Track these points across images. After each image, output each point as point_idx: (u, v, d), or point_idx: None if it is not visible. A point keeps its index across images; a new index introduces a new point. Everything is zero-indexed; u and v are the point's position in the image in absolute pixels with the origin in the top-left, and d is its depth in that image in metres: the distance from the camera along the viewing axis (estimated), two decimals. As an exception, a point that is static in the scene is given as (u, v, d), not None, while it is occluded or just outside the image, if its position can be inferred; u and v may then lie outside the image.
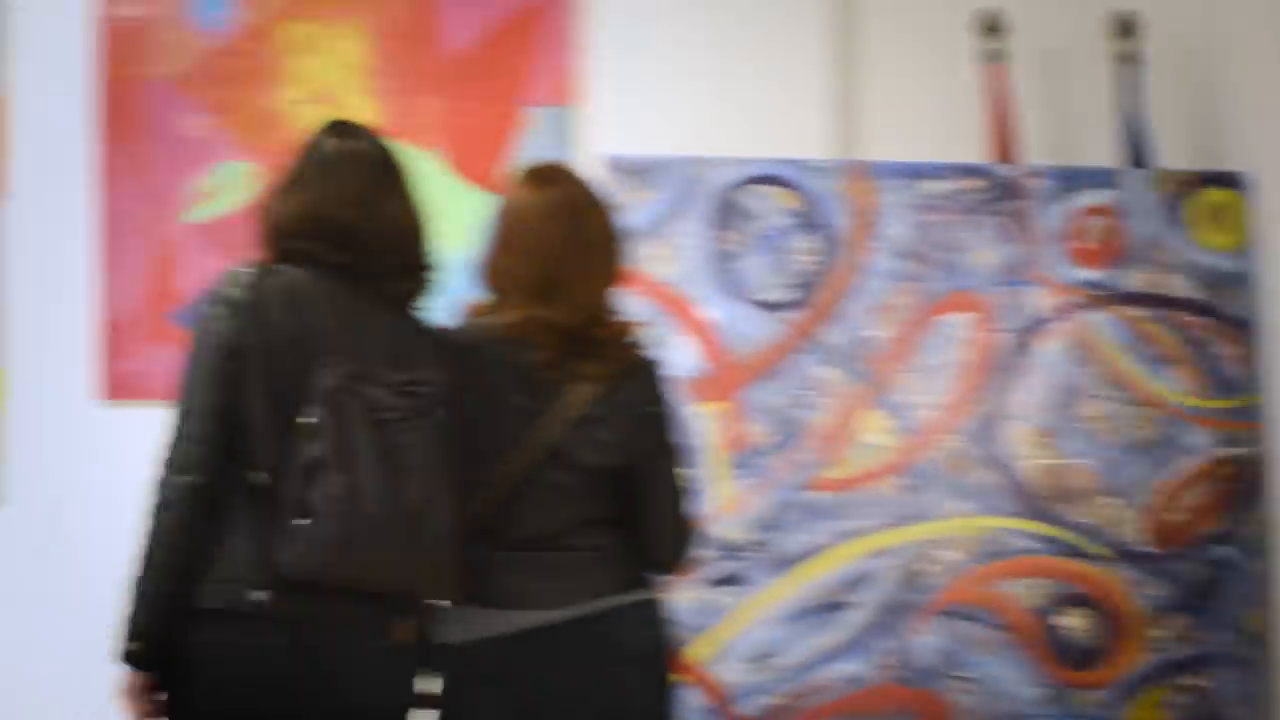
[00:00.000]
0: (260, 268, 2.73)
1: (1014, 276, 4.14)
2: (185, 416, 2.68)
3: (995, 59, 4.32)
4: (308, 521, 2.59)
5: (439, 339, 2.86)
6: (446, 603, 2.85)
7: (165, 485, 2.65)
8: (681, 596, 3.97)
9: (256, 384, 2.67)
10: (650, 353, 3.01)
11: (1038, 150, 4.35)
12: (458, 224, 4.31)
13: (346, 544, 2.60)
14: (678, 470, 3.00)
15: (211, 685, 2.69)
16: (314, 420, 2.62)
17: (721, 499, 4.02)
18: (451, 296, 2.98)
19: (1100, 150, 4.35)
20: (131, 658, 2.67)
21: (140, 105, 4.33)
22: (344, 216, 2.74)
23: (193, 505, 2.64)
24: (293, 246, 2.75)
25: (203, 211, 4.31)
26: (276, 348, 2.67)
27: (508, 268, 2.91)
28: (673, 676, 2.98)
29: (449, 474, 2.72)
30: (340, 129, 2.84)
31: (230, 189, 4.31)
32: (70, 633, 4.23)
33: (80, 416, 4.29)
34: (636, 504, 2.96)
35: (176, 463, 2.65)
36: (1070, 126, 4.46)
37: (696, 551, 3.06)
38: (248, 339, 2.66)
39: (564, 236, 2.91)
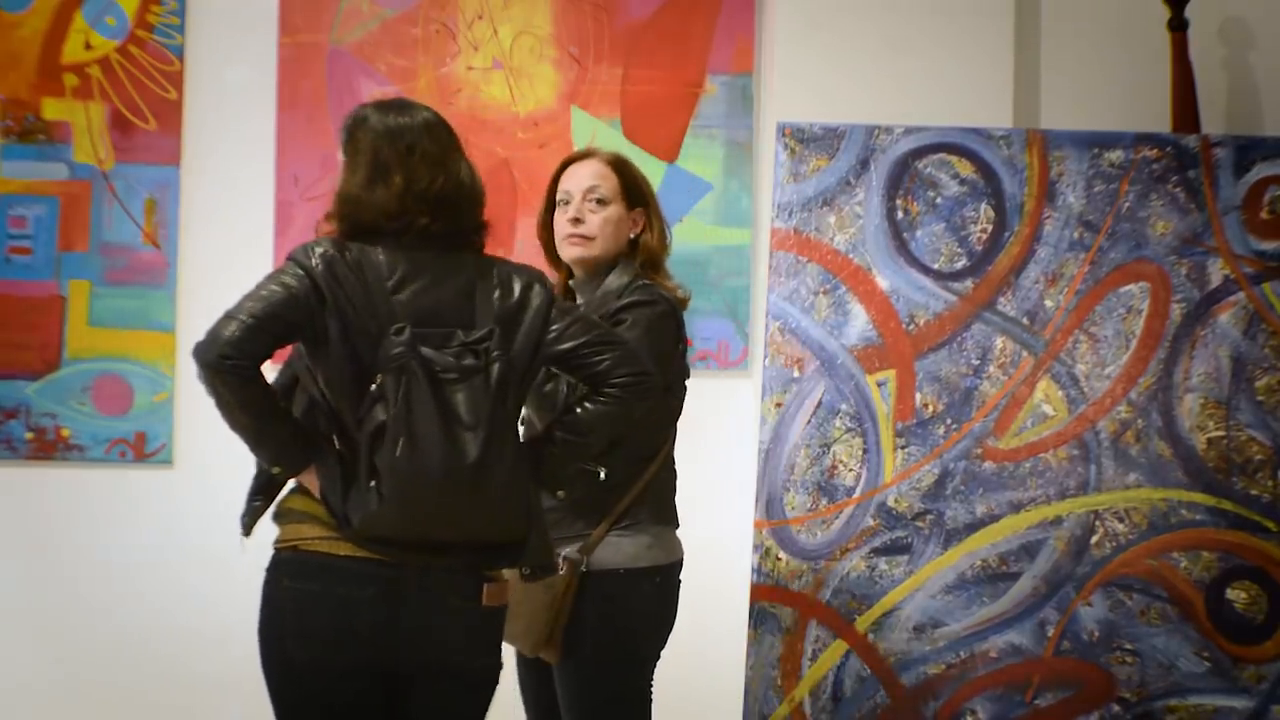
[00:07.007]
0: (336, 243, 2.80)
1: (1191, 246, 4.09)
2: (234, 309, 2.77)
3: (1176, 27, 4.27)
4: (374, 484, 2.71)
5: (535, 297, 2.87)
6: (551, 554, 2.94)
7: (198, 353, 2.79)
8: (849, 566, 3.98)
9: (337, 353, 2.76)
10: None
11: (1217, 119, 4.30)
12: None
13: (411, 503, 2.71)
14: None
15: (302, 633, 2.81)
16: (377, 387, 2.72)
17: (890, 468, 4.02)
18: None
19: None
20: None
21: (320, 73, 4.38)
22: (435, 187, 2.81)
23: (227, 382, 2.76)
24: (384, 225, 2.81)
25: (381, 179, 4.34)
26: (351, 320, 2.75)
27: None
28: None
29: (512, 425, 2.79)
30: (392, 107, 2.90)
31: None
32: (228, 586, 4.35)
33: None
34: None
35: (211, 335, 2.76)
36: (1250, 96, 4.40)
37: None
38: (313, 302, 2.74)
39: None
